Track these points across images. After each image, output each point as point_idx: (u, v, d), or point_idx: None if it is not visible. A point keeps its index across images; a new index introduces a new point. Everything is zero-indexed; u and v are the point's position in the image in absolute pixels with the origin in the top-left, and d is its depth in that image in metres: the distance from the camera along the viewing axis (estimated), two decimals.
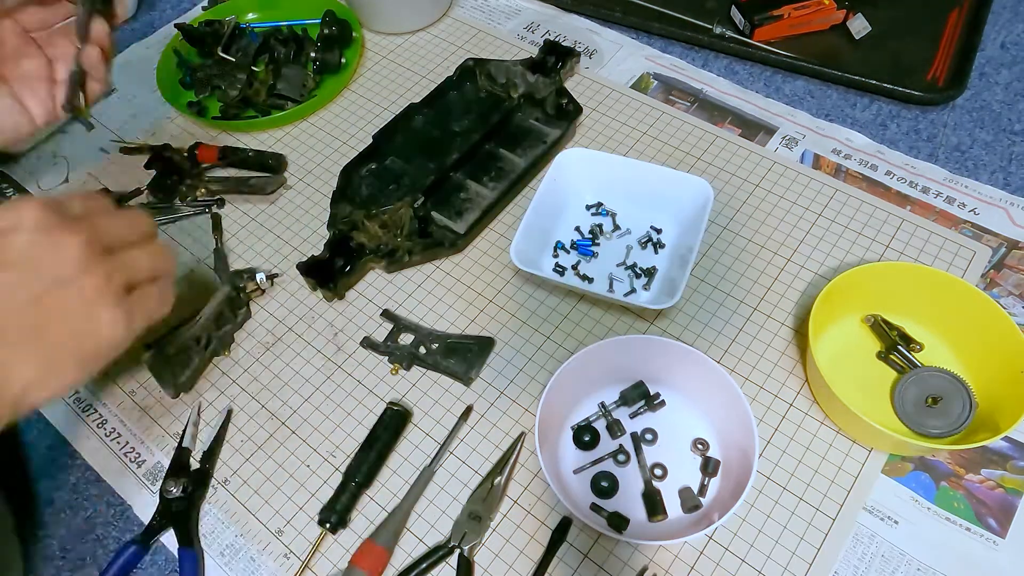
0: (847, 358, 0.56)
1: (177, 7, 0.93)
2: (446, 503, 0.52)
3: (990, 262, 0.61)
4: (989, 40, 0.79)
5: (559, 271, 0.62)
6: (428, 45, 0.84)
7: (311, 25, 0.83)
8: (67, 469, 0.57)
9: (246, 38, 0.80)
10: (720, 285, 0.61)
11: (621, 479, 0.51)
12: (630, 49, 0.81)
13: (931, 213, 0.65)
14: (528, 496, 0.52)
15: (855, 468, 0.52)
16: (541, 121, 0.72)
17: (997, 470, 0.51)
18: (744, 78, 0.78)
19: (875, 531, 0.49)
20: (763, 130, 0.72)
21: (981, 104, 0.73)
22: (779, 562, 0.48)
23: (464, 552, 0.49)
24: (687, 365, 0.52)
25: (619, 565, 0.49)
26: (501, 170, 0.68)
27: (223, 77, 0.76)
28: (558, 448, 0.53)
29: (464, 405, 0.56)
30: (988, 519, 0.49)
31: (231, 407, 0.58)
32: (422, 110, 0.72)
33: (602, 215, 0.65)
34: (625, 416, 0.54)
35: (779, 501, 0.51)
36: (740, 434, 0.49)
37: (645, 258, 0.62)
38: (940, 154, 0.70)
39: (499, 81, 0.73)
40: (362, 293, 0.63)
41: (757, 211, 0.66)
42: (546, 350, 0.59)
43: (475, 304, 0.62)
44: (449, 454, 0.54)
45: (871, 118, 0.73)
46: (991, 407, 0.50)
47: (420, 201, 0.63)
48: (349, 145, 0.74)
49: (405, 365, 0.58)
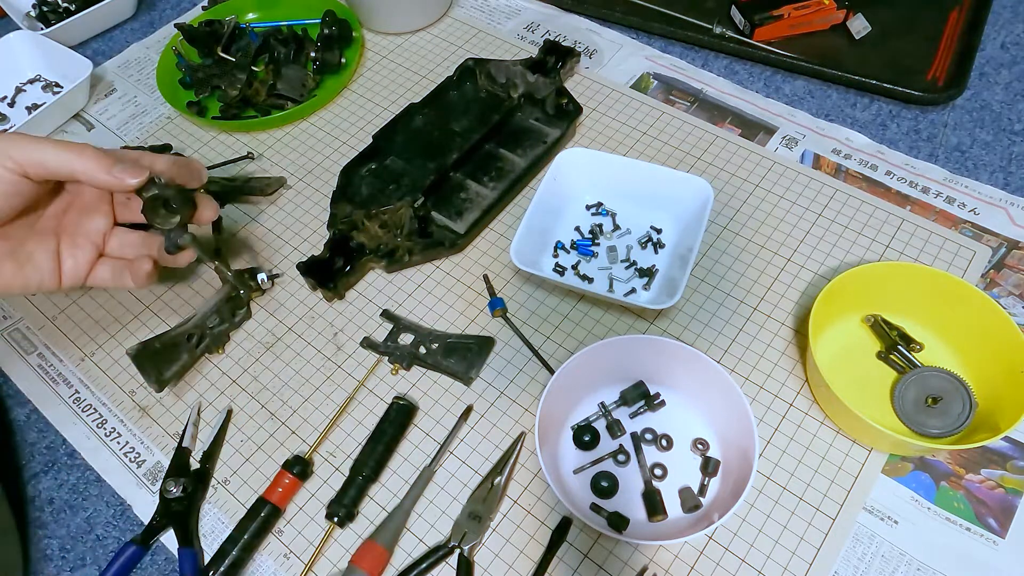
0: (847, 358, 0.56)
1: (177, 7, 0.93)
2: (446, 503, 0.52)
3: (990, 262, 0.61)
4: (989, 40, 0.79)
5: (559, 271, 0.62)
6: (428, 45, 0.84)
7: (311, 25, 0.83)
8: (67, 469, 0.57)
9: (246, 38, 0.80)
10: (720, 285, 0.61)
11: (621, 479, 0.51)
12: (630, 49, 0.81)
13: (931, 213, 0.65)
14: (528, 496, 0.52)
15: (855, 468, 0.52)
16: (541, 121, 0.72)
17: (997, 470, 0.51)
18: (744, 78, 0.78)
19: (875, 531, 0.49)
20: (763, 130, 0.72)
21: (981, 104, 0.73)
22: (779, 562, 0.48)
23: (464, 552, 0.49)
24: (687, 365, 0.52)
25: (619, 565, 0.49)
26: (501, 170, 0.68)
27: (223, 77, 0.76)
28: (558, 448, 0.53)
29: (464, 405, 0.56)
30: (988, 519, 0.49)
31: (231, 407, 0.58)
32: (422, 110, 0.72)
33: (602, 215, 0.65)
34: (625, 416, 0.54)
35: (779, 501, 0.51)
36: (740, 434, 0.49)
37: (645, 258, 0.62)
38: (940, 154, 0.70)
39: (499, 81, 0.73)
40: (362, 293, 0.63)
41: (757, 211, 0.66)
42: (546, 350, 0.59)
43: (475, 304, 0.62)
44: (449, 454, 0.54)
45: (871, 118, 0.73)
46: (991, 407, 0.50)
47: (420, 201, 0.63)
48: (349, 145, 0.74)
49: (405, 365, 0.58)
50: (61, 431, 0.59)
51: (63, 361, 0.62)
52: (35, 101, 0.82)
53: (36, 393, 0.61)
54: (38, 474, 0.57)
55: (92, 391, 0.60)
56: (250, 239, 0.68)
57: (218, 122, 0.75)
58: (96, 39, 0.91)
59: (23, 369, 0.62)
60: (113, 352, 0.62)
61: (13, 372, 0.62)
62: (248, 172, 0.73)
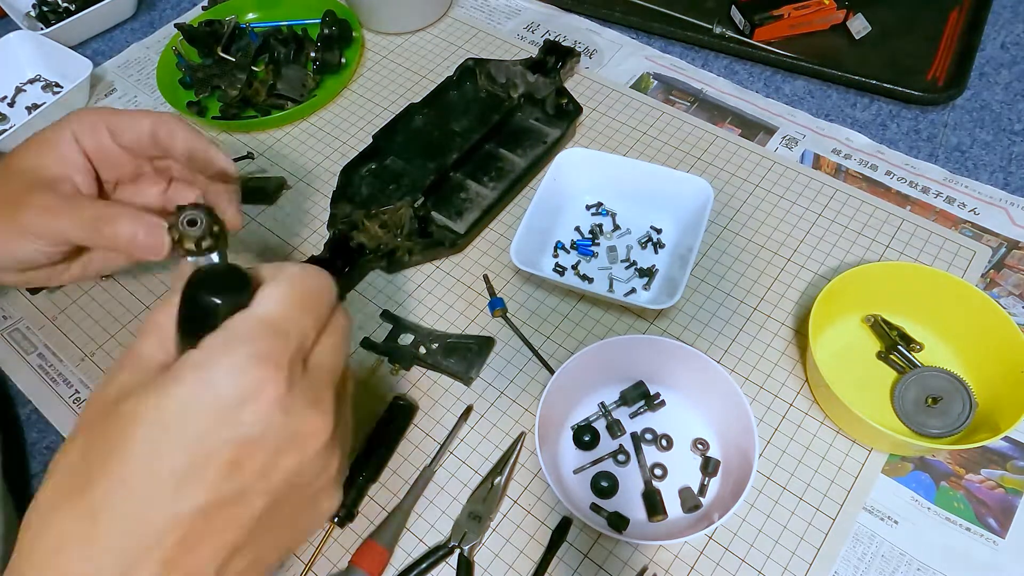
0: (847, 358, 0.56)
1: (177, 7, 0.93)
2: (446, 503, 0.52)
3: (990, 262, 0.61)
4: (989, 40, 0.79)
5: (559, 271, 0.62)
6: (428, 45, 0.84)
7: (311, 25, 0.83)
8: None
9: (246, 38, 0.80)
10: (720, 285, 0.61)
11: (621, 479, 0.51)
12: (630, 49, 0.81)
13: (931, 213, 0.65)
14: (528, 496, 0.52)
15: (855, 468, 0.52)
16: (541, 121, 0.72)
17: (997, 470, 0.51)
18: (744, 78, 0.78)
19: (875, 531, 0.49)
20: (763, 130, 0.72)
21: (981, 104, 0.73)
22: (779, 562, 0.48)
23: (464, 552, 0.49)
24: (687, 365, 0.52)
25: (619, 565, 0.49)
26: (501, 170, 0.68)
27: (223, 77, 0.76)
28: (558, 448, 0.53)
29: (464, 405, 0.56)
30: (988, 519, 0.50)
31: None
32: (422, 110, 0.72)
33: (602, 215, 0.65)
34: (625, 416, 0.54)
35: (779, 501, 0.51)
36: (740, 434, 0.49)
37: (645, 258, 0.62)
38: (940, 154, 0.70)
39: (499, 81, 0.73)
40: (362, 293, 0.63)
41: (757, 211, 0.66)
42: (546, 350, 0.59)
43: (475, 304, 0.62)
44: (449, 454, 0.54)
45: (871, 118, 0.73)
46: (991, 407, 0.50)
47: (420, 201, 0.63)
48: (349, 145, 0.74)
49: (405, 365, 0.58)
50: (61, 431, 0.59)
51: (63, 361, 0.62)
52: (35, 101, 0.82)
53: (36, 393, 0.61)
54: (38, 474, 0.57)
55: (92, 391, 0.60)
56: (250, 239, 0.68)
57: (218, 122, 0.75)
58: (96, 39, 0.91)
59: (23, 369, 0.62)
60: (113, 352, 0.62)
61: (13, 372, 0.62)
62: (248, 172, 0.73)
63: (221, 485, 0.27)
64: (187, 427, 0.26)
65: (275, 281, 0.30)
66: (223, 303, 0.29)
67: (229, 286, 0.30)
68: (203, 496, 0.26)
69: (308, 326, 0.30)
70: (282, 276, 0.31)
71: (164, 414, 0.27)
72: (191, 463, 0.26)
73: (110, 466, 0.26)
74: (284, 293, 0.30)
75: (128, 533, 0.26)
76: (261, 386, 0.27)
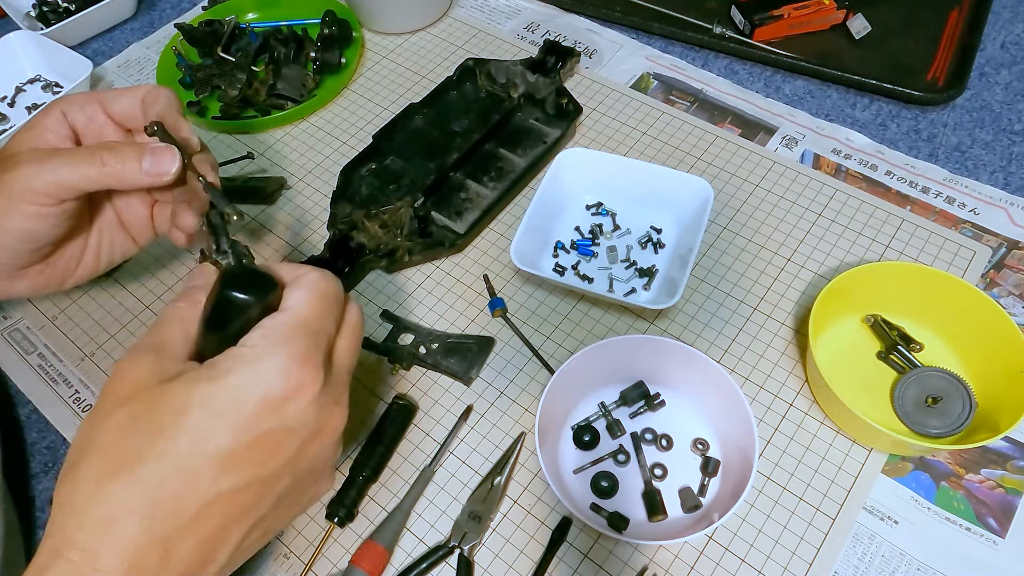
0: (847, 358, 0.56)
1: (177, 7, 0.93)
2: (446, 503, 0.52)
3: (990, 262, 0.61)
4: (989, 40, 0.79)
5: (559, 271, 0.62)
6: (428, 45, 0.84)
7: (311, 25, 0.83)
8: None
9: (246, 38, 0.80)
10: (720, 285, 0.61)
11: (621, 479, 0.51)
12: (630, 49, 0.81)
13: (931, 213, 0.65)
14: (528, 496, 0.52)
15: (855, 468, 0.52)
16: (541, 121, 0.72)
17: (997, 470, 0.51)
18: (744, 78, 0.78)
19: (875, 531, 0.49)
20: (763, 130, 0.72)
21: (981, 104, 0.73)
22: (779, 562, 0.48)
23: (464, 552, 0.49)
24: (687, 365, 0.52)
25: (619, 565, 0.49)
26: (501, 170, 0.68)
27: (223, 77, 0.76)
28: (558, 448, 0.53)
29: (464, 405, 0.56)
30: (988, 519, 0.50)
31: None
32: (422, 110, 0.72)
33: (602, 215, 0.65)
34: (625, 416, 0.54)
35: (779, 501, 0.51)
36: (740, 434, 0.49)
37: (645, 258, 0.62)
38: (940, 154, 0.70)
39: (499, 81, 0.73)
40: (362, 293, 0.63)
41: (757, 211, 0.66)
42: (546, 350, 0.59)
43: (475, 304, 0.62)
44: (449, 454, 0.54)
45: (871, 118, 0.73)
46: (991, 407, 0.50)
47: (420, 201, 0.63)
48: (349, 145, 0.74)
49: (405, 365, 0.58)
50: (61, 431, 0.59)
51: (63, 361, 0.62)
52: (35, 101, 0.82)
53: (36, 393, 0.61)
54: (38, 474, 0.57)
55: (92, 391, 0.60)
56: (250, 239, 0.68)
57: (218, 122, 0.75)
58: (96, 39, 0.91)
59: (23, 369, 0.62)
60: (113, 352, 0.62)
61: (13, 372, 0.62)
62: (248, 172, 0.73)
63: (259, 468, 0.31)
64: (238, 415, 0.30)
65: (299, 285, 0.35)
66: (255, 302, 0.33)
67: (259, 286, 0.33)
68: (243, 476, 0.31)
69: (332, 328, 0.35)
70: (304, 280, 0.35)
71: (217, 403, 0.30)
72: (237, 447, 0.30)
73: (161, 444, 0.29)
74: (311, 297, 0.34)
75: (175, 506, 0.29)
76: (302, 384, 0.32)
